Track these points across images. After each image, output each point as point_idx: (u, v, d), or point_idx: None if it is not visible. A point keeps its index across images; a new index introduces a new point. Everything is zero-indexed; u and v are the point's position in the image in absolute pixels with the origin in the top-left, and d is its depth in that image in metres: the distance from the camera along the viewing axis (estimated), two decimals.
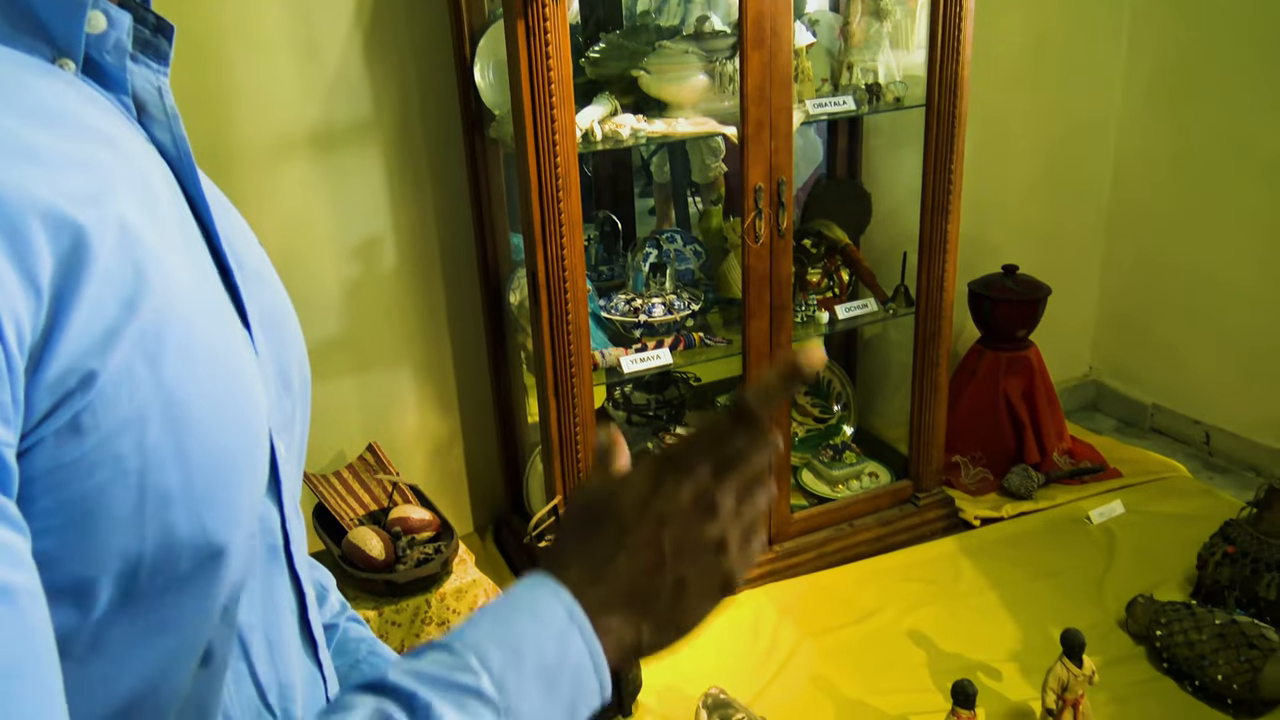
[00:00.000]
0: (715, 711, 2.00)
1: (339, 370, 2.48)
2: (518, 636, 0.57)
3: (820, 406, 3.03)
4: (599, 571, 0.61)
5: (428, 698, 0.53)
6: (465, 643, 0.57)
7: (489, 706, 0.55)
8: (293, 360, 0.68)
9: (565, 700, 0.58)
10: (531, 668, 0.57)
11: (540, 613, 0.59)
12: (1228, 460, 3.19)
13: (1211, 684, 2.07)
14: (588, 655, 0.59)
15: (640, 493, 0.63)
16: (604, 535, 0.62)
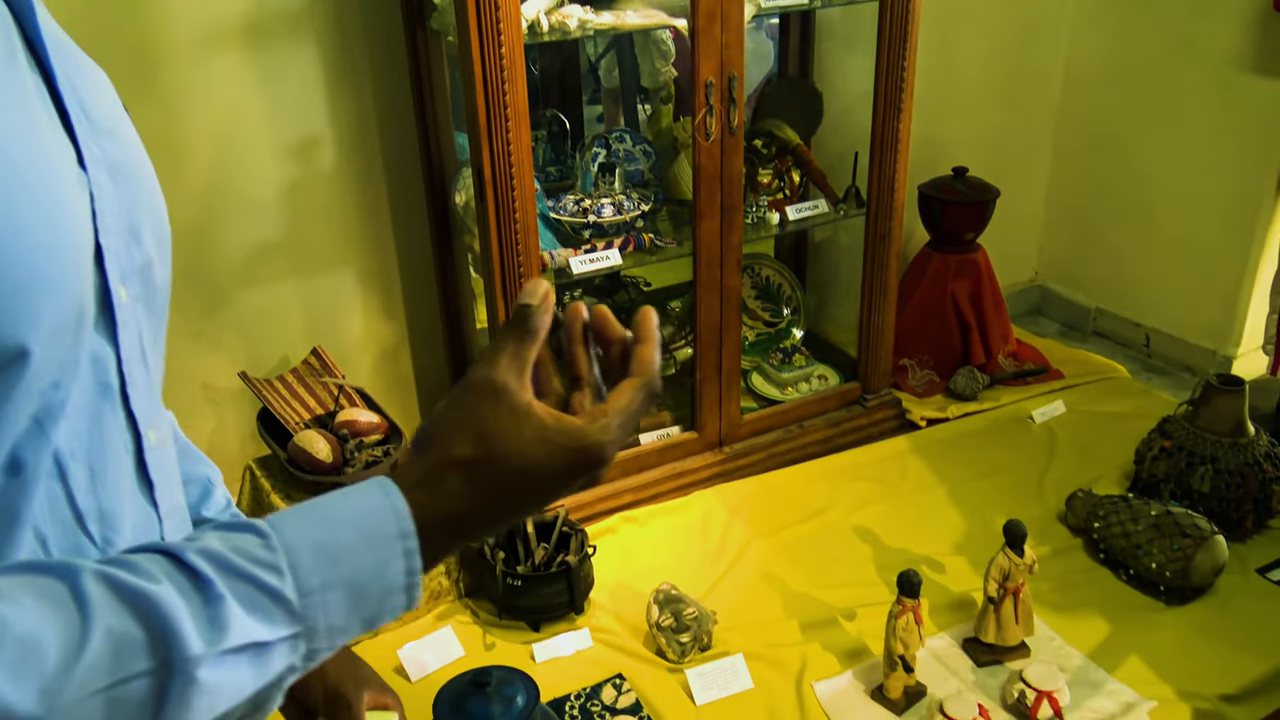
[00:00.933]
0: (666, 607, 2.03)
1: (279, 273, 2.41)
2: (337, 545, 0.55)
3: (770, 310, 3.03)
4: (464, 515, 0.59)
5: (223, 590, 0.52)
6: (282, 539, 0.55)
7: (285, 612, 0.54)
8: (144, 215, 0.68)
9: (368, 614, 0.57)
10: (342, 582, 0.55)
11: (368, 526, 0.57)
12: (1166, 362, 3.26)
13: (1145, 572, 2.14)
14: (404, 576, 0.57)
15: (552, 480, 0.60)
16: (499, 486, 0.59)
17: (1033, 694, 1.81)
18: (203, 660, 0.51)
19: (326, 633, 0.56)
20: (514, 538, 2.16)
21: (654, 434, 2.56)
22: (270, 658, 0.54)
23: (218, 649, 0.51)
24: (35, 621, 0.48)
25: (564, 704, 1.92)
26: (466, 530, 0.60)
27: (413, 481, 0.59)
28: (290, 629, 0.54)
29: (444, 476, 0.59)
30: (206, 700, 0.52)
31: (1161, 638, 2.03)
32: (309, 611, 0.54)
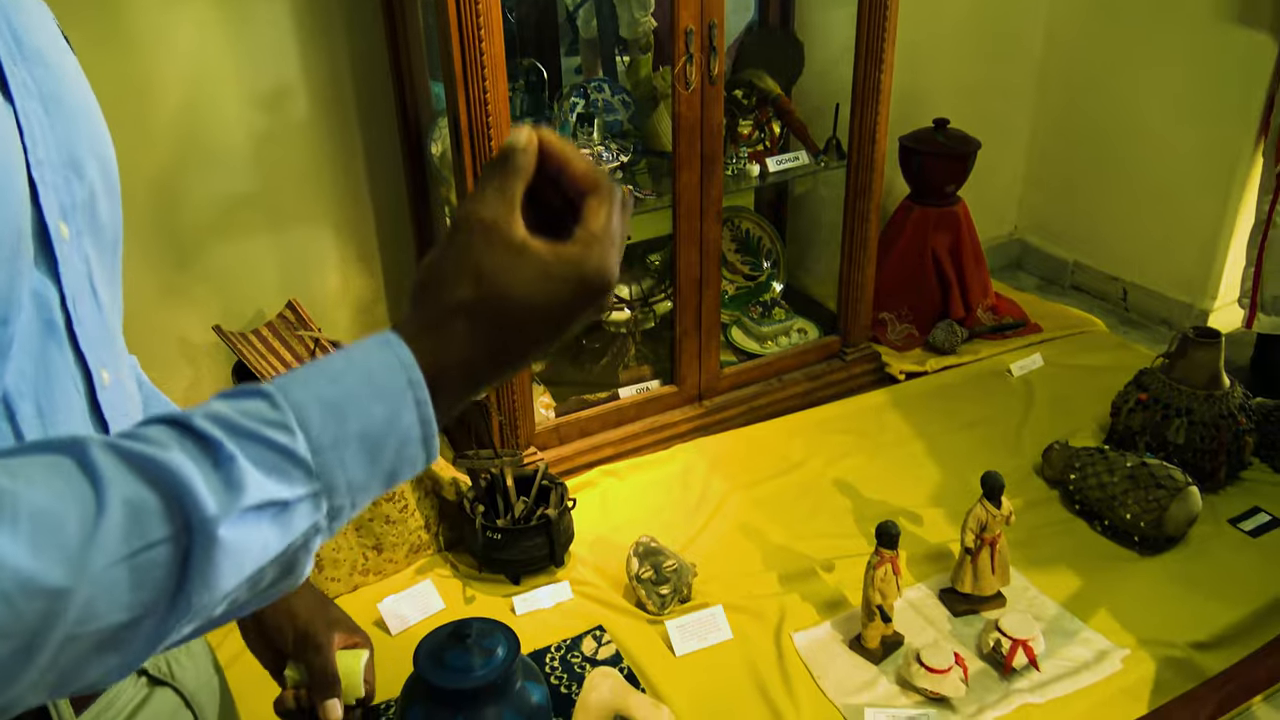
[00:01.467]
0: (646, 559, 2.04)
1: (252, 226, 2.37)
2: (345, 399, 0.53)
3: (750, 264, 3.02)
4: (472, 360, 0.57)
5: (233, 450, 0.50)
6: (288, 398, 0.53)
7: (302, 471, 0.52)
8: (85, 149, 0.66)
9: (386, 469, 0.55)
10: (355, 436, 0.53)
11: (375, 377, 0.54)
12: (1143, 315, 3.28)
13: (1120, 523, 2.16)
14: (418, 427, 0.55)
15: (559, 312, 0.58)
16: (503, 323, 0.57)
17: (1008, 643, 1.84)
18: (221, 520, 0.49)
19: (347, 489, 0.54)
20: (494, 492, 2.15)
21: (633, 388, 2.55)
22: (292, 517, 0.53)
23: (236, 508, 0.50)
24: (48, 495, 0.47)
25: (544, 655, 1.93)
26: (478, 375, 0.57)
27: (415, 331, 0.56)
28: (308, 487, 0.53)
29: (447, 322, 0.56)
30: (231, 561, 0.50)
31: (1135, 587, 2.05)
32: (325, 469, 0.53)
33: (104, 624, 0.48)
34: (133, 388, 0.76)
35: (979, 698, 1.81)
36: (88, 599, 0.46)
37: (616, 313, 2.60)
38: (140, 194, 2.19)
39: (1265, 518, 2.23)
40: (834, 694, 1.83)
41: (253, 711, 1.12)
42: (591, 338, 2.75)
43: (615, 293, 2.58)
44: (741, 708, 1.81)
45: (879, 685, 1.85)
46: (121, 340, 0.75)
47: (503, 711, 1.58)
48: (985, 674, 1.86)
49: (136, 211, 2.19)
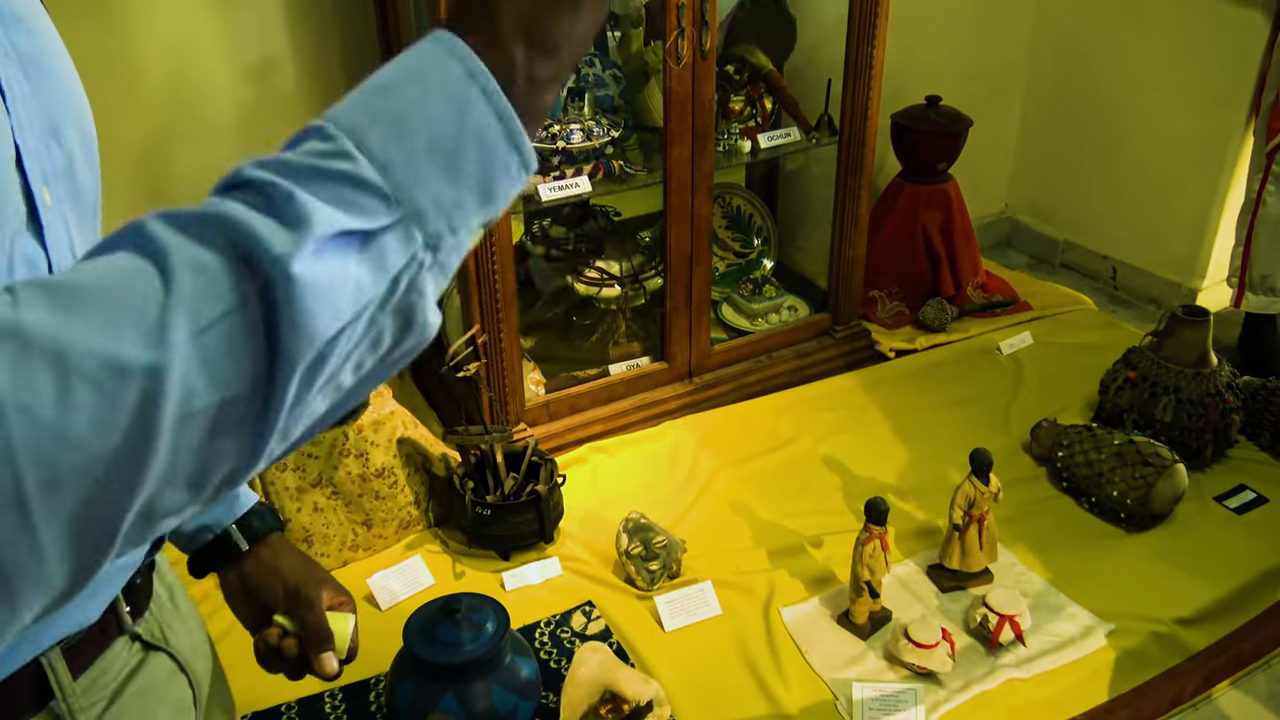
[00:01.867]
0: (636, 535, 2.04)
1: None
2: (403, 109, 0.48)
3: (740, 241, 3.01)
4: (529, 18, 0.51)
5: (290, 187, 0.46)
6: (339, 124, 0.48)
7: (375, 195, 0.47)
8: (64, 113, 0.65)
9: (475, 179, 0.49)
10: (425, 147, 0.48)
11: (428, 76, 0.48)
12: (1132, 294, 3.29)
13: (1107, 500, 2.17)
14: (494, 118, 0.49)
15: None
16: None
17: (995, 618, 1.85)
18: (293, 256, 0.45)
19: (437, 210, 0.48)
20: (484, 468, 2.15)
21: (624, 364, 2.55)
22: (383, 251, 0.47)
23: (307, 241, 0.45)
24: (114, 275, 0.44)
25: (534, 631, 1.94)
26: (553, 47, 0.51)
27: (459, 14, 0.50)
28: (390, 215, 0.47)
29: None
30: (321, 302, 0.45)
31: (1121, 564, 2.07)
32: (402, 189, 0.47)
33: (210, 401, 0.44)
34: None
35: (965, 672, 1.82)
36: (183, 374, 0.43)
37: (607, 289, 2.60)
38: (126, 166, 2.17)
39: (1250, 495, 2.25)
40: (822, 669, 1.84)
41: (242, 687, 1.13)
42: (582, 314, 2.74)
43: (606, 268, 2.57)
44: (730, 682, 1.82)
45: (866, 660, 1.86)
46: None
47: (492, 686, 1.59)
48: (972, 649, 1.87)
49: (122, 183, 2.17)
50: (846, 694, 1.78)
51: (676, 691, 1.78)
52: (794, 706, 1.77)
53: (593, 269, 2.61)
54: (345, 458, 2.05)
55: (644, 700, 1.68)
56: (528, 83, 0.50)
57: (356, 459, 2.06)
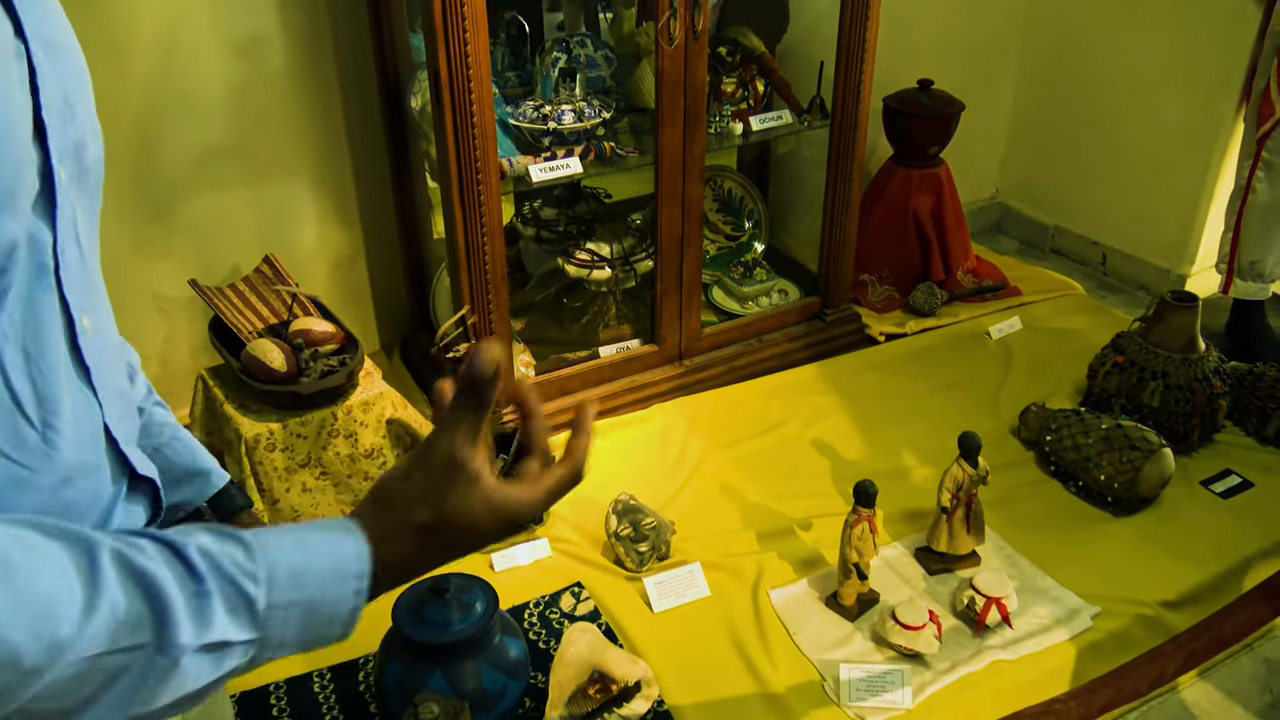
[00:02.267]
0: (625, 517, 2.04)
1: (229, 179, 2.34)
2: (308, 570, 0.61)
3: (732, 224, 3.01)
4: (408, 560, 0.65)
5: (212, 588, 0.57)
6: (264, 553, 0.60)
7: (251, 617, 0.58)
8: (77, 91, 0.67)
9: (309, 637, 0.62)
10: (304, 603, 0.60)
11: (339, 565, 0.62)
12: (1121, 280, 3.30)
13: (1094, 484, 2.18)
14: (348, 612, 0.62)
15: (488, 537, 0.67)
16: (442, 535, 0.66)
17: (982, 600, 1.86)
18: (188, 649, 0.55)
19: (274, 645, 0.60)
20: None
21: (614, 347, 2.55)
22: (228, 657, 0.58)
23: (202, 641, 0.56)
24: (54, 582, 0.51)
25: (523, 612, 1.94)
26: (409, 575, 0.66)
27: (377, 536, 0.64)
28: (251, 635, 0.59)
29: (403, 537, 0.65)
30: (175, 685, 0.56)
31: (1107, 547, 2.08)
32: (269, 624, 0.59)
33: (54, 707, 0.52)
34: (113, 335, 0.76)
35: (952, 654, 1.83)
36: (51, 683, 0.51)
37: (597, 271, 2.59)
38: (113, 144, 2.13)
39: (1236, 480, 2.26)
40: (810, 650, 1.85)
41: None
42: (572, 297, 2.74)
43: (596, 250, 2.57)
44: (718, 663, 1.83)
45: (854, 642, 1.87)
46: (102, 287, 0.75)
47: (480, 666, 1.59)
48: (959, 631, 1.89)
49: (109, 162, 2.14)
50: (834, 675, 1.79)
51: (665, 672, 1.79)
52: (781, 687, 1.78)
53: (583, 251, 2.61)
54: (334, 438, 2.05)
55: (632, 680, 1.68)
56: (383, 589, 0.65)
57: (345, 440, 2.06)
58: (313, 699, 1.77)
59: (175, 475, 0.94)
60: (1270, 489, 2.24)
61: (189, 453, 0.96)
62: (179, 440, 0.94)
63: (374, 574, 0.63)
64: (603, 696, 1.67)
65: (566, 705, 1.65)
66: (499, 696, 1.60)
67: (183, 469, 0.95)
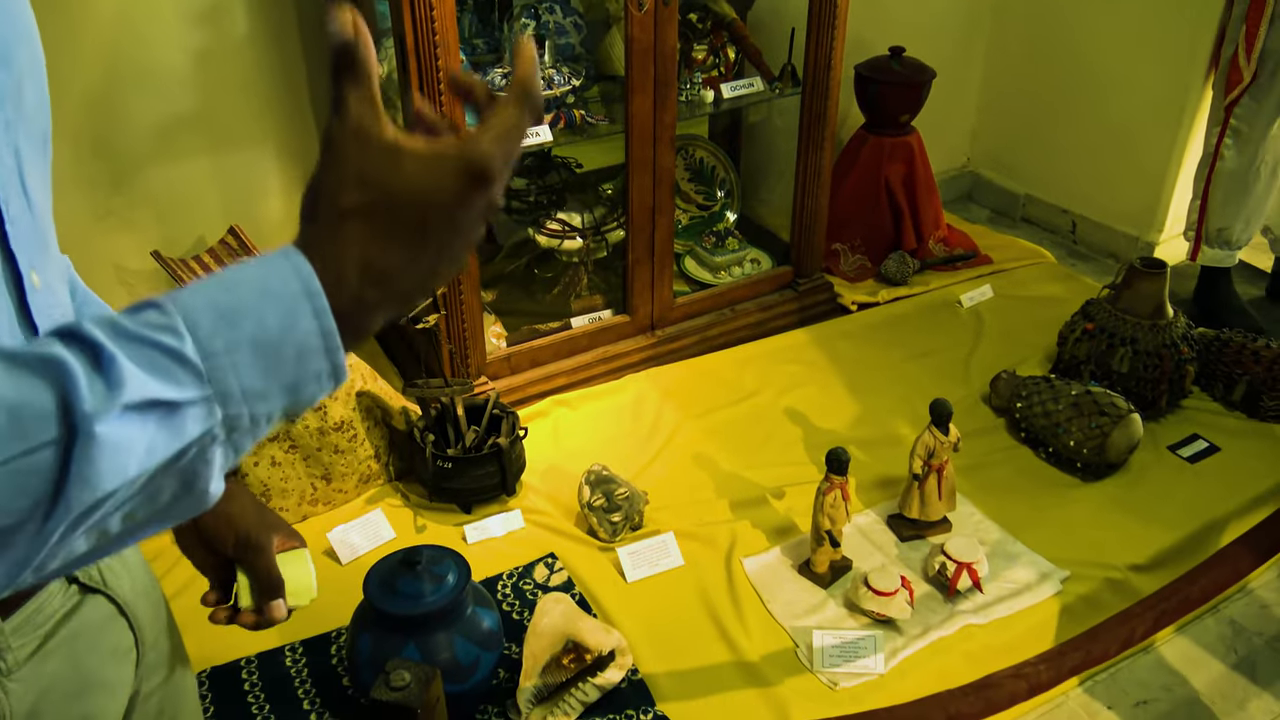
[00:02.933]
0: (598, 487, 2.04)
1: (191, 148, 2.29)
2: (238, 305, 0.53)
3: (704, 193, 2.99)
4: (370, 265, 0.56)
5: (114, 350, 0.50)
6: (177, 303, 0.52)
7: (190, 373, 0.51)
8: (13, 33, 0.63)
9: (287, 379, 0.54)
10: (248, 341, 0.52)
11: (269, 284, 0.53)
12: (1091, 248, 3.31)
13: (1064, 450, 2.20)
14: (318, 337, 0.54)
15: (448, 199, 0.56)
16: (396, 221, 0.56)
17: (953, 566, 1.87)
18: (98, 416, 0.48)
19: (243, 396, 0.53)
20: (444, 421, 2.13)
21: (585, 317, 2.53)
22: (183, 420, 0.51)
23: (115, 405, 0.49)
24: None
25: (496, 583, 1.93)
26: (384, 278, 0.56)
27: (308, 242, 0.55)
28: (198, 390, 0.51)
29: (339, 229, 0.55)
30: (112, 460, 0.49)
31: (1076, 512, 2.10)
32: (216, 372, 0.52)
33: None
34: (64, 294, 0.73)
35: (924, 619, 1.84)
36: None
37: (568, 241, 2.57)
38: (72, 112, 2.10)
39: (1203, 445, 2.29)
40: (782, 617, 1.86)
41: (199, 642, 1.11)
42: (544, 267, 2.72)
43: (568, 220, 2.55)
44: (691, 631, 1.83)
45: (827, 608, 1.88)
46: (54, 243, 0.71)
47: (454, 637, 1.58)
48: (930, 596, 1.90)
49: (68, 131, 2.11)
50: (807, 641, 1.80)
51: (638, 641, 1.79)
52: (755, 654, 1.78)
53: (554, 221, 2.58)
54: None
55: (606, 650, 1.68)
56: (355, 303, 0.56)
57: (314, 412, 2.04)
58: (284, 673, 1.75)
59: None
60: (1236, 453, 2.26)
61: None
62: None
63: (330, 285, 0.54)
64: (577, 666, 1.67)
65: (540, 675, 1.64)
66: (472, 667, 1.60)
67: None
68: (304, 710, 1.69)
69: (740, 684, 1.74)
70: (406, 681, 0.85)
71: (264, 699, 1.71)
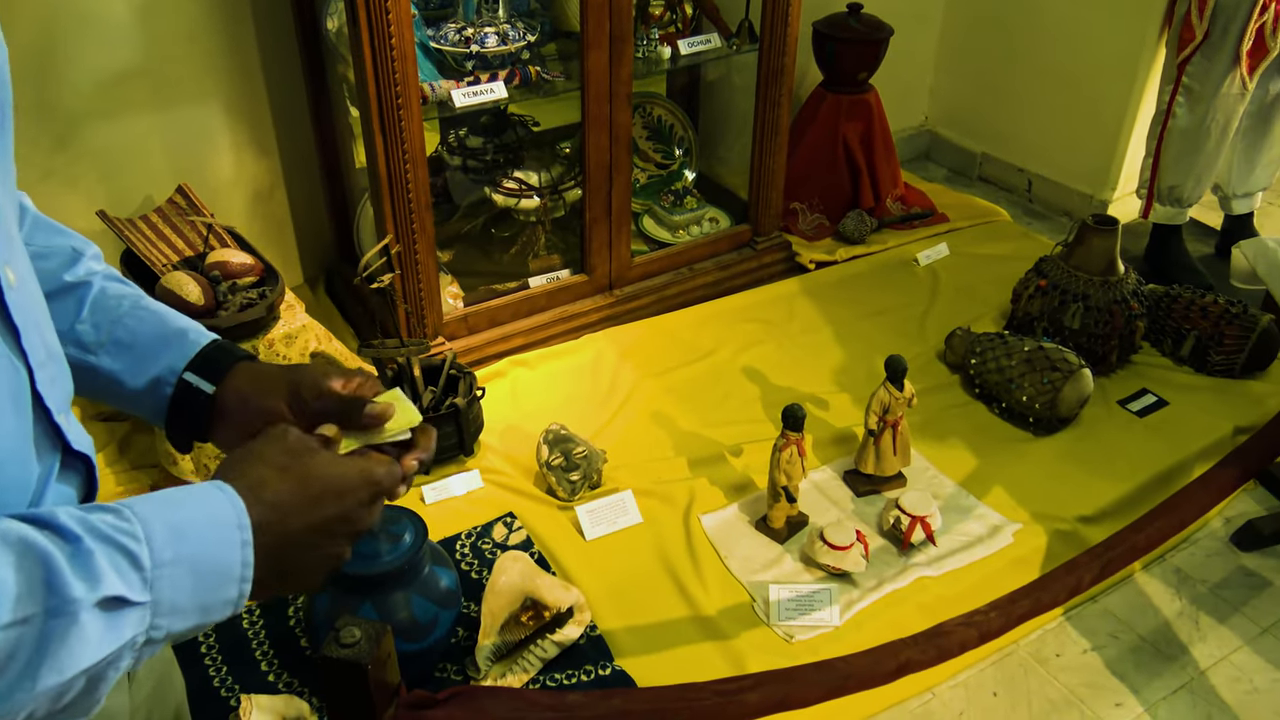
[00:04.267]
0: (556, 446, 2.04)
1: (137, 104, 2.24)
2: (186, 524, 0.59)
3: (662, 152, 2.97)
4: (281, 514, 0.64)
5: (91, 546, 0.54)
6: (135, 513, 0.57)
7: (140, 575, 0.56)
8: None
9: (205, 600, 0.59)
10: (189, 558, 0.58)
11: (213, 511, 0.61)
12: (1046, 206, 3.34)
13: (1016, 405, 2.23)
14: (240, 566, 0.61)
15: (352, 495, 0.69)
16: (304, 498, 0.66)
17: (907, 519, 1.90)
18: (84, 604, 0.53)
19: (169, 610, 0.58)
20: (401, 382, 2.12)
21: (543, 277, 2.52)
22: (123, 621, 0.55)
23: (96, 595, 0.53)
24: None
25: (455, 543, 1.93)
26: (290, 534, 0.65)
27: (244, 484, 0.64)
28: (143, 596, 0.56)
29: (264, 476, 0.65)
30: (78, 650, 0.53)
31: (1028, 466, 2.13)
32: (159, 583, 0.57)
33: None
34: (38, 290, 0.68)
35: (878, 572, 1.87)
36: None
37: (525, 201, 2.55)
38: (10, 66, 2.04)
39: (1152, 399, 2.33)
40: (740, 572, 1.88)
41: None
42: (501, 227, 2.69)
43: (525, 179, 2.52)
44: (650, 587, 1.85)
45: (784, 563, 1.90)
46: (19, 239, 0.68)
47: (411, 596, 1.58)
48: (885, 550, 1.93)
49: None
50: (764, 595, 1.82)
51: (597, 598, 1.80)
52: (712, 609, 1.80)
53: (511, 180, 2.56)
54: None
55: (564, 607, 1.69)
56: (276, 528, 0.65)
57: None
58: (242, 635, 1.75)
59: (146, 347, 0.79)
60: (1184, 407, 2.31)
61: (155, 319, 0.81)
62: (142, 308, 0.80)
63: (255, 526, 0.62)
64: (535, 623, 1.68)
65: (499, 633, 1.65)
66: (431, 626, 1.60)
67: (152, 337, 0.80)
68: (262, 671, 1.69)
69: (698, 638, 1.76)
70: (356, 638, 0.85)
71: (221, 661, 1.70)
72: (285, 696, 1.55)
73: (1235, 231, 2.97)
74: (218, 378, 0.79)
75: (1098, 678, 1.80)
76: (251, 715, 1.47)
